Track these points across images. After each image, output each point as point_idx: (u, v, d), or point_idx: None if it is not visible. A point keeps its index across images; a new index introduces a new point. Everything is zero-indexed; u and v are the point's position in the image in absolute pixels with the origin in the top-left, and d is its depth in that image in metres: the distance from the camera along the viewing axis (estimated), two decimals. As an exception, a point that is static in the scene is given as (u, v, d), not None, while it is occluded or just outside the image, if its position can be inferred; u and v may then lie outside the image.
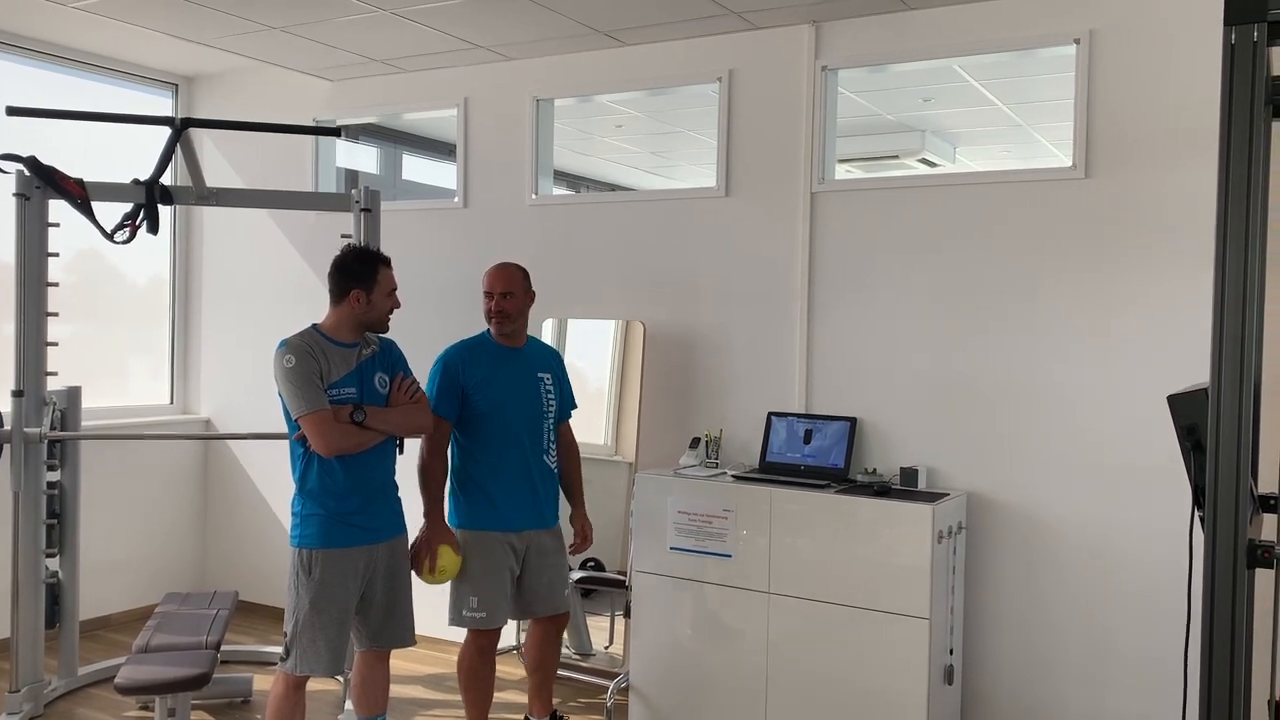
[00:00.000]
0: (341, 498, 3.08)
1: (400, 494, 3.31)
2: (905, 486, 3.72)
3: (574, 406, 3.76)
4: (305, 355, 3.02)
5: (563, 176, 7.62)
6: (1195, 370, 3.24)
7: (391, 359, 3.26)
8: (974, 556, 3.73)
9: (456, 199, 4.87)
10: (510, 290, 3.51)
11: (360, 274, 3.13)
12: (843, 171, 5.68)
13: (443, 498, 3.45)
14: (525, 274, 3.58)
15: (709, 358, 4.26)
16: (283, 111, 5.18)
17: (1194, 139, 3.37)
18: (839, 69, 4.02)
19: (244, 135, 5.24)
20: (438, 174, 5.96)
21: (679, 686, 3.84)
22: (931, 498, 3.53)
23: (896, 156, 5.84)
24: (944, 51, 3.87)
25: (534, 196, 4.67)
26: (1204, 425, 2.23)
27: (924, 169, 5.92)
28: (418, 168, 7.13)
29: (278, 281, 5.28)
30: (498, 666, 3.66)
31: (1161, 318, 3.42)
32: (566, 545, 3.68)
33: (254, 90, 5.33)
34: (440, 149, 5.75)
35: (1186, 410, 2.35)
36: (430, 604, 4.80)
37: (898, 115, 5.35)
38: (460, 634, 3.55)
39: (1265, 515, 2.99)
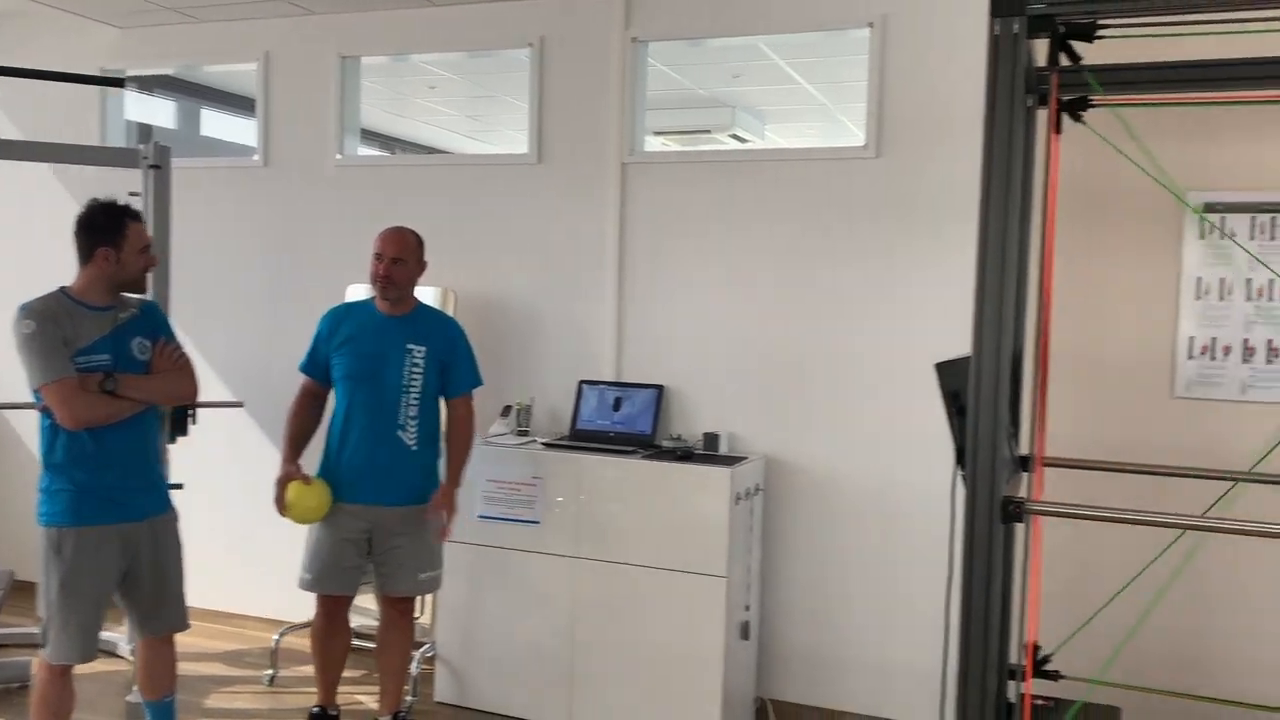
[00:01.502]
0: (93, 471, 2.89)
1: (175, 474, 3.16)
2: (708, 451, 3.84)
3: (474, 384, 3.56)
4: (47, 320, 2.80)
5: (376, 137, 7.41)
6: (969, 341, 3.46)
7: (154, 323, 3.05)
8: (771, 517, 3.89)
9: (256, 157, 4.67)
10: (402, 256, 3.39)
11: (107, 230, 2.91)
12: (658, 144, 5.76)
13: (296, 443, 3.43)
14: (420, 241, 3.46)
15: (521, 326, 4.26)
16: (67, 59, 4.81)
17: (973, 124, 3.57)
18: (649, 41, 4.07)
19: (23, 84, 4.84)
20: (243, 130, 5.69)
21: (486, 653, 3.86)
22: (731, 461, 3.66)
23: (709, 131, 5.97)
24: (750, 29, 3.98)
25: (339, 157, 4.53)
26: (966, 391, 2.40)
27: (735, 144, 6.07)
28: (221, 123, 6.78)
29: (67, 243, 4.92)
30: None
31: (942, 291, 3.63)
32: (432, 528, 3.53)
33: (36, 36, 4.94)
34: (245, 104, 5.49)
35: (951, 377, 2.52)
36: (226, 580, 4.64)
37: (710, 90, 5.47)
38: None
39: (1026, 474, 3.24)
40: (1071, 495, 3.36)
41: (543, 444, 3.90)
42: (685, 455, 3.74)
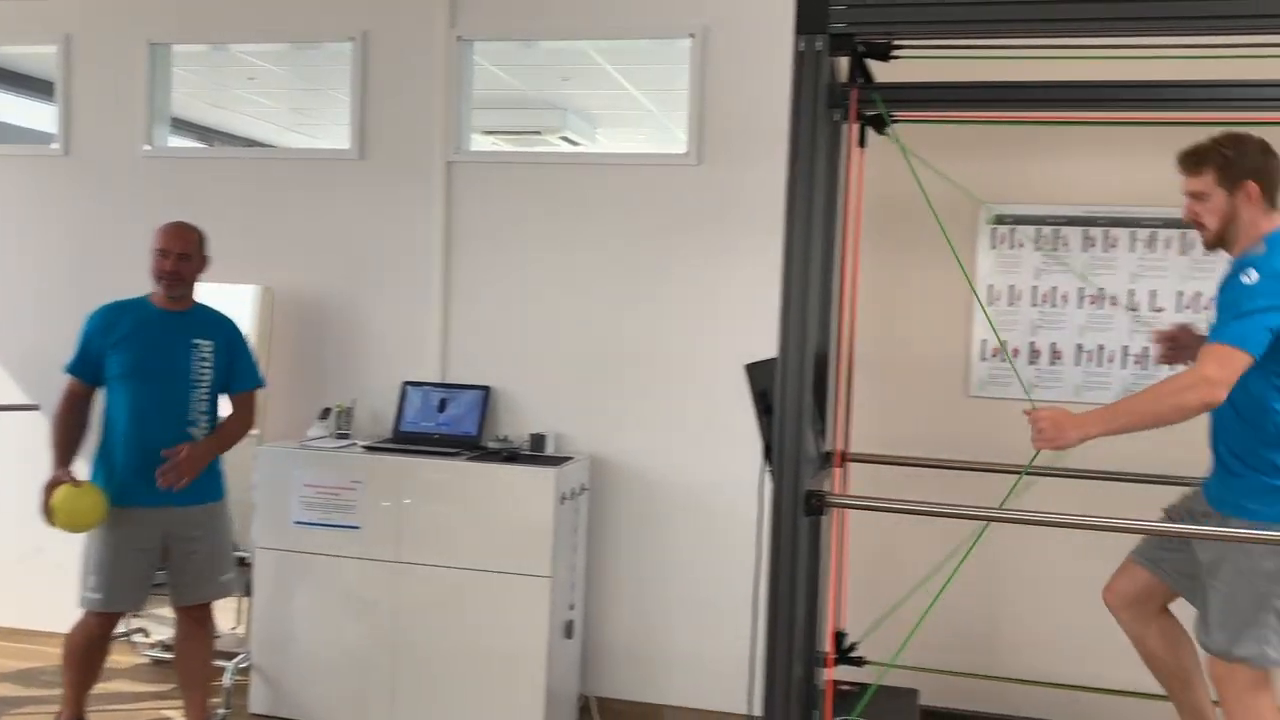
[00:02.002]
0: None
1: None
2: (534, 452, 3.85)
3: (257, 382, 3.50)
4: None
5: (193, 128, 7.08)
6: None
7: None
8: (596, 516, 3.94)
9: (56, 145, 4.40)
10: (188, 252, 3.33)
11: None
12: (489, 143, 5.74)
13: (69, 448, 3.25)
14: (203, 237, 3.40)
15: (342, 326, 4.16)
16: None
17: (786, 135, 3.72)
18: (474, 40, 4.05)
19: None
20: (35, 115, 5.34)
21: (304, 662, 3.75)
22: (557, 462, 3.69)
23: (539, 133, 5.99)
24: (575, 33, 4.02)
25: (148, 147, 4.32)
26: (773, 391, 2.50)
27: (565, 146, 6.11)
28: (18, 108, 6.35)
29: None
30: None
31: (756, 294, 3.75)
32: (228, 525, 3.44)
33: None
34: (43, 88, 5.15)
35: (760, 377, 2.62)
36: (16, 594, 4.36)
37: (540, 92, 5.49)
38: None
39: (837, 470, 3.40)
40: (881, 490, 3.55)
41: (364, 447, 3.83)
42: (511, 456, 3.74)
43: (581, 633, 3.90)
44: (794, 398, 2.47)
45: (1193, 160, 2.62)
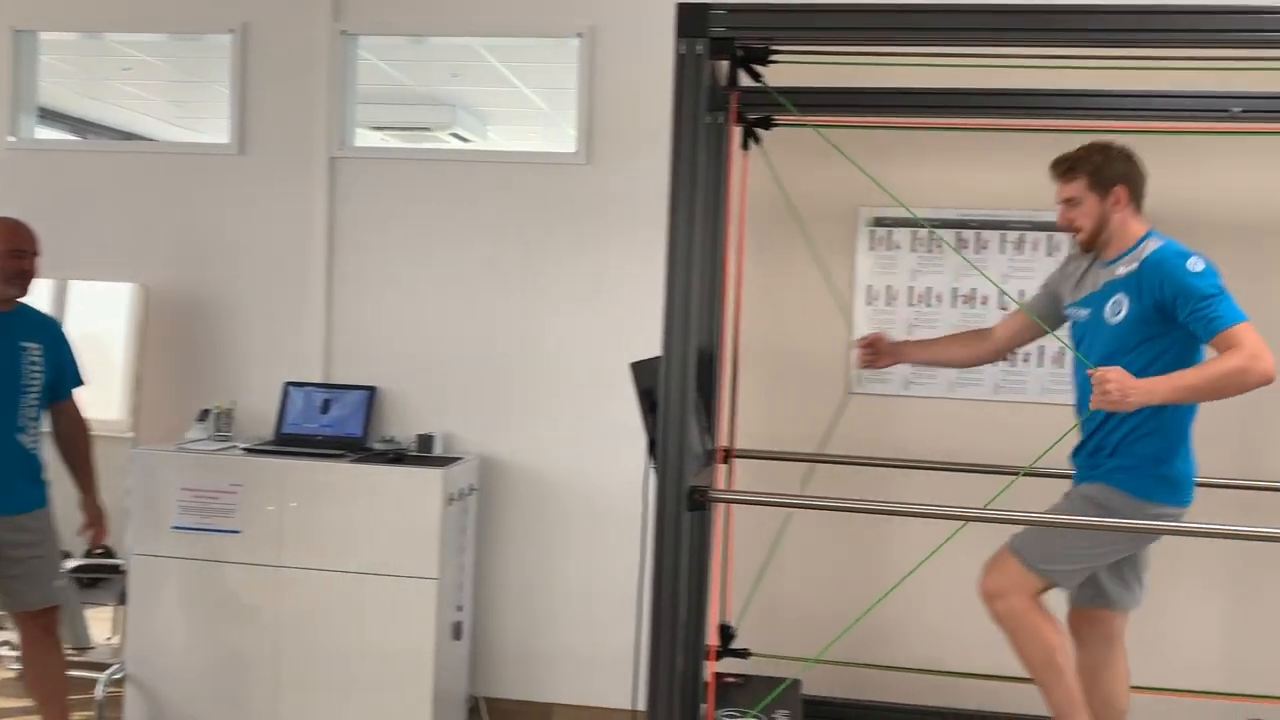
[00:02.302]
0: None
1: None
2: (421, 453, 3.81)
3: (79, 383, 3.42)
4: None
5: (66, 120, 6.78)
6: (672, 341, 3.64)
7: None
8: (485, 516, 3.92)
9: (-90, 136, 4.18)
10: (32, 249, 3.23)
11: None
12: (377, 139, 5.65)
13: None
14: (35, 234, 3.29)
15: (222, 325, 4.05)
16: None
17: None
18: (359, 34, 3.99)
19: None
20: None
21: (183, 672, 3.64)
22: (444, 462, 3.66)
23: (429, 129, 5.92)
24: (462, 30, 3.99)
25: (13, 139, 4.13)
26: (658, 388, 2.53)
27: (456, 143, 6.06)
28: None
29: None
30: None
31: (643, 293, 3.77)
32: (55, 531, 3.34)
33: None
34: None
35: (645, 376, 2.65)
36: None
37: (430, 88, 5.43)
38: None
39: (722, 466, 3.46)
40: (772, 485, 3.62)
41: (244, 449, 3.73)
42: (397, 457, 3.69)
43: (470, 633, 3.88)
44: (678, 395, 2.50)
45: (1065, 167, 2.76)
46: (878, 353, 3.09)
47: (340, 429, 3.87)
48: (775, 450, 3.56)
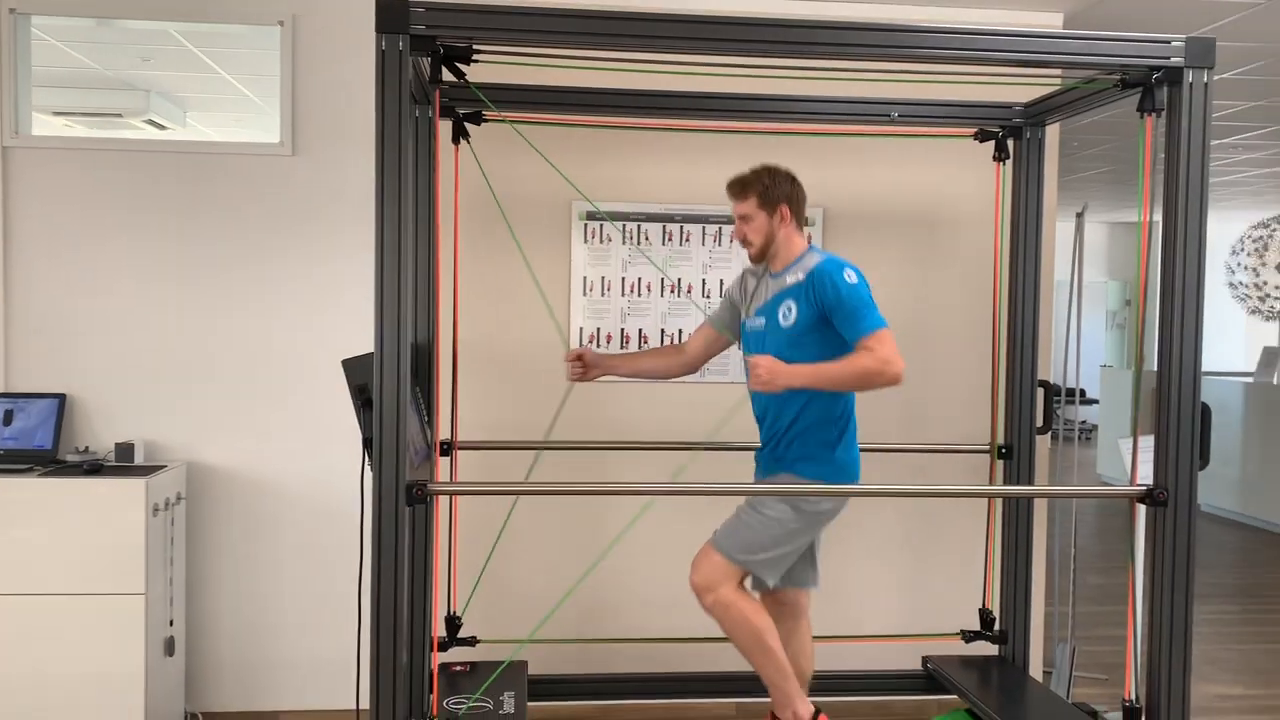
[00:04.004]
0: None
1: None
2: (120, 463, 3.58)
3: None
4: None
5: None
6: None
7: None
8: (195, 526, 3.74)
9: None
10: None
11: None
12: (60, 125, 5.18)
13: None
14: None
15: (-126, 332, 3.62)
16: None
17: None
18: (31, 14, 3.67)
19: None
20: None
21: None
22: (147, 471, 3.46)
23: (121, 115, 5.49)
24: (149, 13, 3.77)
25: None
26: (371, 384, 2.53)
27: (153, 131, 5.66)
28: None
29: None
30: None
31: (354, 289, 3.72)
32: None
33: None
34: None
35: (357, 372, 2.64)
36: None
37: (119, 73, 5.04)
38: None
39: (443, 459, 3.49)
40: (499, 474, 3.69)
41: (-91, 469, 3.36)
42: (93, 469, 3.45)
43: (184, 648, 3.69)
44: (392, 390, 2.51)
45: (739, 187, 3.06)
46: (586, 365, 3.29)
47: (26, 441, 3.57)
48: (496, 440, 3.63)
